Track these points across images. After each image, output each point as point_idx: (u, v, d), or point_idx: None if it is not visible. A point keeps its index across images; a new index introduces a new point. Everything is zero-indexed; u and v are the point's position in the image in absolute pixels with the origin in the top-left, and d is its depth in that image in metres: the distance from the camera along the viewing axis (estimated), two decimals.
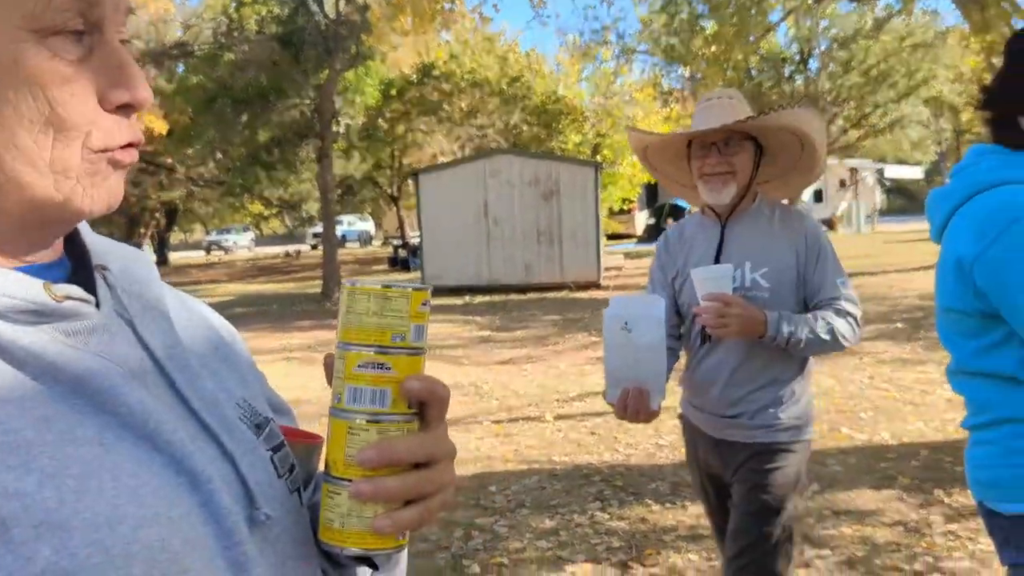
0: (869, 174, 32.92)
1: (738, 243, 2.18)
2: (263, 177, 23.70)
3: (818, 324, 2.07)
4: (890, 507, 4.07)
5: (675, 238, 2.32)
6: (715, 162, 2.12)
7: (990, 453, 1.60)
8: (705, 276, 2.07)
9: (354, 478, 0.63)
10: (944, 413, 5.60)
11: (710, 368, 2.22)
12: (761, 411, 2.17)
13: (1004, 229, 1.47)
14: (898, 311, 10.28)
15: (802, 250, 2.15)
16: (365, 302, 0.65)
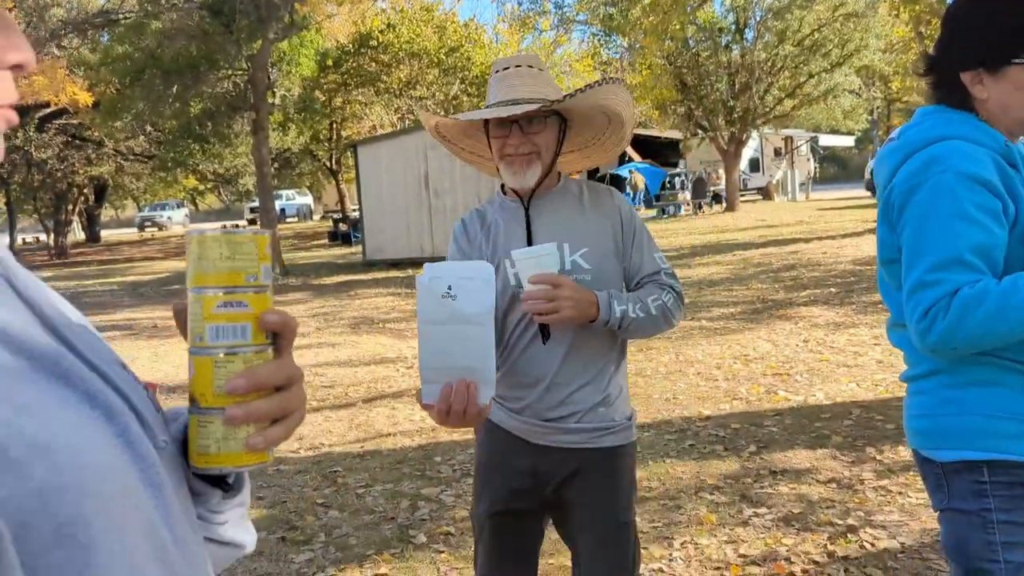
0: (803, 143, 33.59)
1: (549, 224, 1.95)
2: (196, 151, 23.09)
3: (648, 301, 1.89)
4: (824, 465, 4.20)
5: (474, 224, 2.02)
6: (517, 142, 1.89)
7: (924, 403, 1.66)
8: (527, 256, 1.81)
9: (226, 406, 0.71)
10: (875, 374, 5.79)
11: (531, 364, 1.92)
12: (591, 411, 1.92)
13: (929, 179, 1.53)
14: (831, 276, 10.56)
15: (618, 227, 1.97)
16: (217, 248, 0.71)
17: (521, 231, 1.95)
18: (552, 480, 1.95)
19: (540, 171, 1.92)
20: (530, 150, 1.89)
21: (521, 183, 1.92)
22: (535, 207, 1.97)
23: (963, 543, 1.59)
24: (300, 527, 3.99)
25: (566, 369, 1.91)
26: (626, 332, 1.90)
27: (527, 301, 1.79)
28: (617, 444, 1.95)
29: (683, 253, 15.06)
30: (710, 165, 30.17)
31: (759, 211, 24.12)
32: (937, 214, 1.51)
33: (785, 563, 3.22)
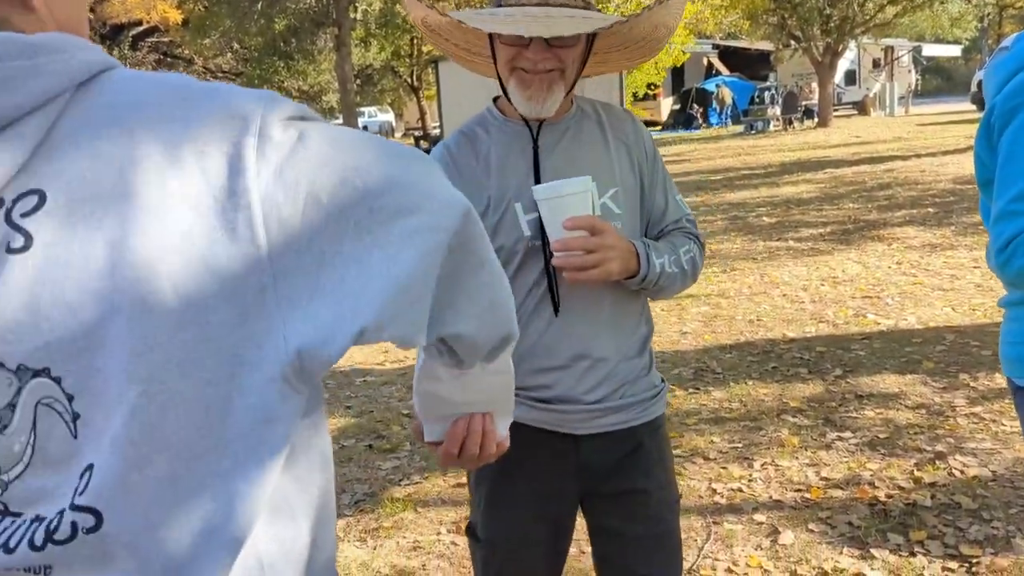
0: (905, 53, 31.69)
1: (563, 160, 1.54)
2: (281, 68, 23.33)
3: (680, 253, 1.57)
4: (914, 391, 4.10)
5: (465, 153, 1.57)
6: (538, 56, 1.44)
7: (1019, 330, 1.61)
8: (554, 194, 1.41)
9: None
10: (973, 298, 5.56)
11: (559, 341, 1.54)
12: (635, 382, 1.61)
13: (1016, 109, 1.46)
14: (929, 196, 10.08)
15: (643, 161, 1.61)
16: None
17: (525, 167, 1.53)
18: (601, 471, 1.61)
19: (562, 94, 1.49)
20: (553, 66, 1.46)
21: (537, 110, 1.48)
22: (545, 137, 1.55)
23: None
24: (386, 436, 4.15)
25: (605, 339, 1.56)
26: (655, 290, 1.57)
27: (560, 253, 1.41)
28: (661, 411, 1.67)
29: (771, 171, 14.58)
30: (802, 78, 28.82)
31: (854, 127, 23.05)
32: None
33: (869, 487, 3.19)
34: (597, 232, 1.42)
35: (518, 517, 1.61)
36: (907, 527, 2.90)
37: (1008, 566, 2.63)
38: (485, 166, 1.54)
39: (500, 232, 1.52)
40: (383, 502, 3.42)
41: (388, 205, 0.69)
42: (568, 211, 1.40)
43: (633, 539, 1.63)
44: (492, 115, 1.61)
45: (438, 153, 1.59)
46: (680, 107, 30.83)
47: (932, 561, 2.69)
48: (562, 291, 1.53)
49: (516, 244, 1.51)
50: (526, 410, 1.55)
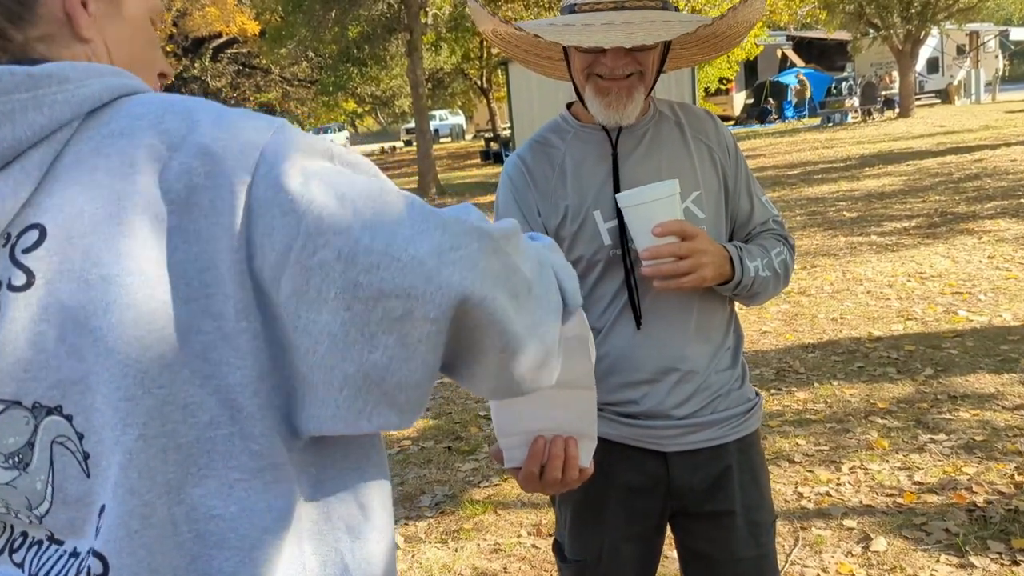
0: (991, 38, 30.35)
1: (644, 166, 1.48)
2: (355, 74, 23.73)
3: (772, 256, 1.50)
4: (1011, 391, 3.91)
5: (540, 163, 1.51)
6: (617, 62, 1.38)
7: None
8: (640, 201, 1.33)
9: None
10: None
11: (644, 354, 1.47)
12: (727, 395, 1.53)
13: None
14: (1021, 186, 9.62)
15: (726, 163, 1.54)
16: None
17: (604, 174, 1.47)
18: (692, 490, 1.53)
19: (642, 99, 1.44)
20: (632, 71, 1.39)
21: (616, 118, 1.42)
22: (624, 142, 1.48)
23: None
24: (464, 438, 4.17)
25: (695, 350, 1.48)
26: (749, 296, 1.49)
27: (650, 261, 1.34)
28: (756, 427, 1.59)
29: (850, 164, 14.15)
30: (882, 67, 27.88)
31: (937, 116, 22.19)
32: None
33: (966, 492, 3.06)
34: (688, 237, 1.34)
35: (607, 536, 1.54)
36: (1008, 534, 2.77)
37: None
38: (561, 175, 1.49)
39: (579, 242, 1.47)
40: (463, 504, 3.44)
41: (374, 283, 0.62)
42: (655, 217, 1.32)
43: (724, 563, 1.54)
44: (567, 122, 1.55)
45: (512, 165, 1.54)
46: (754, 101, 30.19)
47: None
48: (645, 302, 1.46)
49: (596, 254, 1.46)
50: (613, 426, 1.50)
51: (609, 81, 1.40)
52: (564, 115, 1.57)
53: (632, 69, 1.39)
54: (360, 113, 38.16)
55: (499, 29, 1.49)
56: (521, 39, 1.49)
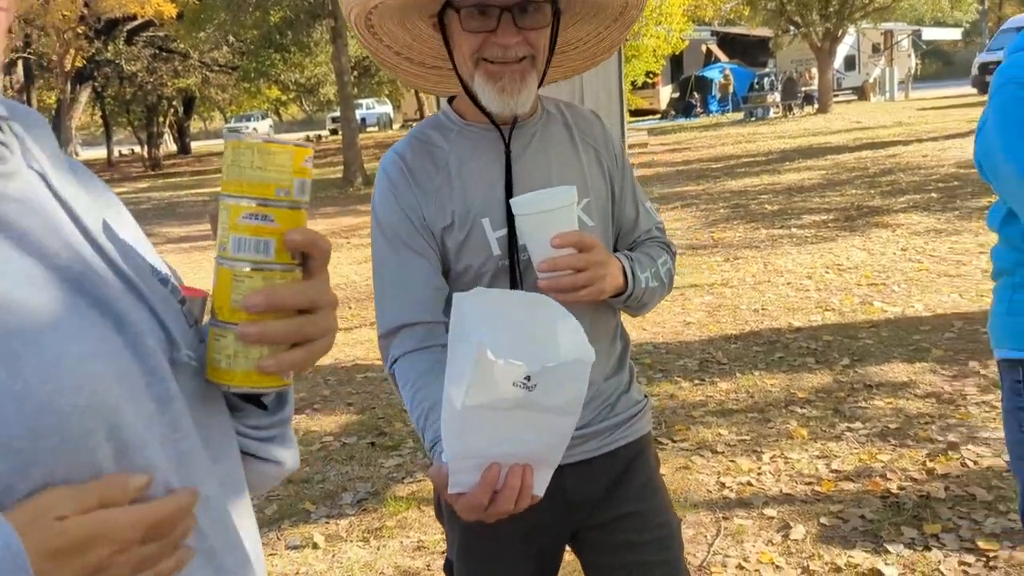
0: (904, 37, 31.50)
1: (534, 165, 1.38)
2: (277, 60, 23.19)
3: (659, 265, 1.43)
4: (923, 379, 4.04)
5: (423, 163, 1.37)
6: (509, 40, 1.26)
7: (993, 303, 1.69)
8: (540, 208, 1.22)
9: (240, 322, 0.68)
10: (980, 283, 5.49)
11: None
12: (616, 401, 1.46)
13: (994, 93, 1.51)
14: (933, 181, 10.00)
15: (613, 167, 1.46)
16: (249, 156, 0.67)
17: (493, 176, 1.35)
18: (589, 501, 1.46)
19: (536, 86, 1.34)
20: (525, 53, 1.28)
21: (512, 105, 1.30)
22: (515, 143, 1.37)
23: (1009, 439, 1.64)
24: (388, 433, 4.09)
25: None
26: (637, 306, 1.42)
27: (548, 274, 1.23)
28: (647, 429, 1.52)
29: (772, 158, 14.49)
30: (802, 64, 28.63)
31: (854, 112, 22.92)
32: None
33: (881, 479, 3.13)
34: (586, 248, 1.23)
35: (501, 556, 1.44)
36: (921, 520, 2.84)
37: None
38: (446, 176, 1.36)
39: (466, 251, 1.35)
40: (386, 501, 3.36)
41: None
42: (554, 226, 1.22)
43: (634, 567, 1.44)
44: (449, 119, 1.41)
45: (390, 162, 1.39)
46: (679, 95, 30.66)
47: (948, 555, 2.64)
48: None
49: (484, 265, 1.35)
50: None
51: (500, 65, 1.28)
52: (446, 111, 1.43)
53: (524, 52, 1.28)
54: (284, 101, 37.36)
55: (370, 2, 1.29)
56: (392, 29, 1.37)
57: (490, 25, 1.26)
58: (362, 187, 17.29)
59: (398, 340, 1.32)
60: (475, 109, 1.36)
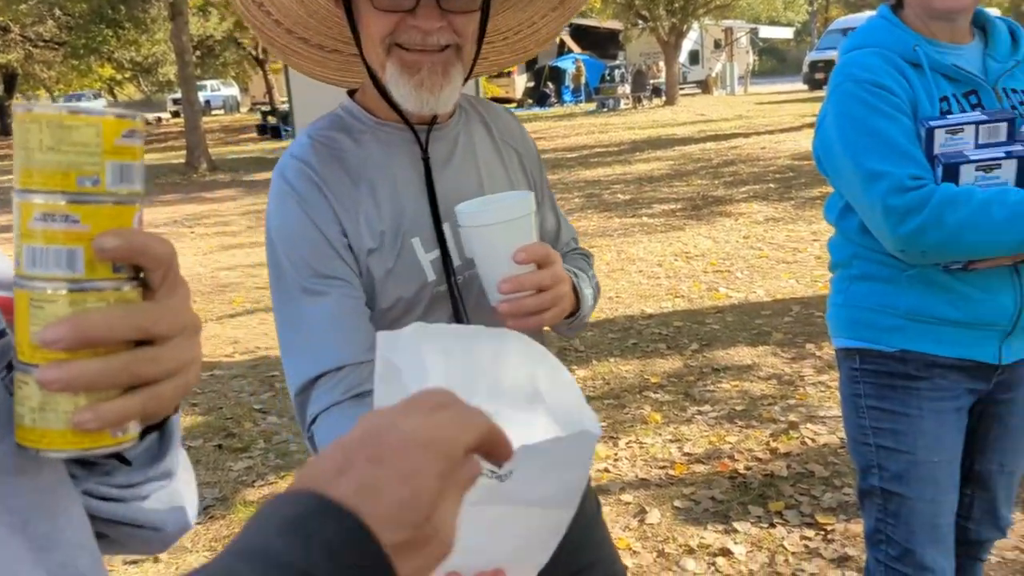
0: (743, 35, 33.23)
1: (462, 174, 1.19)
2: (110, 37, 21.69)
3: (590, 279, 1.27)
4: (766, 362, 4.24)
5: (333, 173, 1.11)
6: (430, 26, 1.06)
7: (831, 293, 1.74)
8: (500, 219, 1.03)
9: (41, 363, 0.50)
10: (814, 269, 5.84)
11: None
12: None
13: (832, 90, 1.56)
14: (770, 172, 10.58)
15: (534, 170, 1.31)
16: (38, 134, 0.49)
17: (415, 188, 1.15)
18: None
19: (461, 82, 1.14)
20: (449, 41, 1.09)
21: (431, 103, 1.09)
22: (436, 147, 1.18)
23: (847, 425, 1.70)
24: (237, 434, 3.88)
25: None
26: (577, 326, 1.25)
27: (511, 295, 1.03)
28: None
29: (623, 148, 14.91)
30: (650, 57, 29.68)
31: (698, 105, 23.97)
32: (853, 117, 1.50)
33: (729, 460, 3.25)
34: (547, 264, 1.05)
35: None
36: (766, 498, 2.97)
37: (860, 532, 2.73)
38: (369, 189, 1.12)
39: (395, 280, 1.12)
40: (235, 507, 3.18)
41: None
42: (514, 239, 1.03)
43: None
44: (356, 117, 1.17)
45: (294, 171, 1.10)
46: (534, 84, 31.06)
47: (791, 531, 2.76)
48: None
49: (419, 293, 1.13)
50: None
51: (418, 54, 1.07)
52: (349, 107, 1.19)
53: (448, 40, 1.08)
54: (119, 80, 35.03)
55: None
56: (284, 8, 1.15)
57: (407, 4, 1.05)
58: (207, 173, 16.49)
59: (318, 392, 1.03)
60: (387, 105, 1.14)
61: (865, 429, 1.63)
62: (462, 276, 1.16)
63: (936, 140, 1.41)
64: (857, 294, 1.63)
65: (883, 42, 1.54)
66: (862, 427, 1.64)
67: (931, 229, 1.37)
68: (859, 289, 1.62)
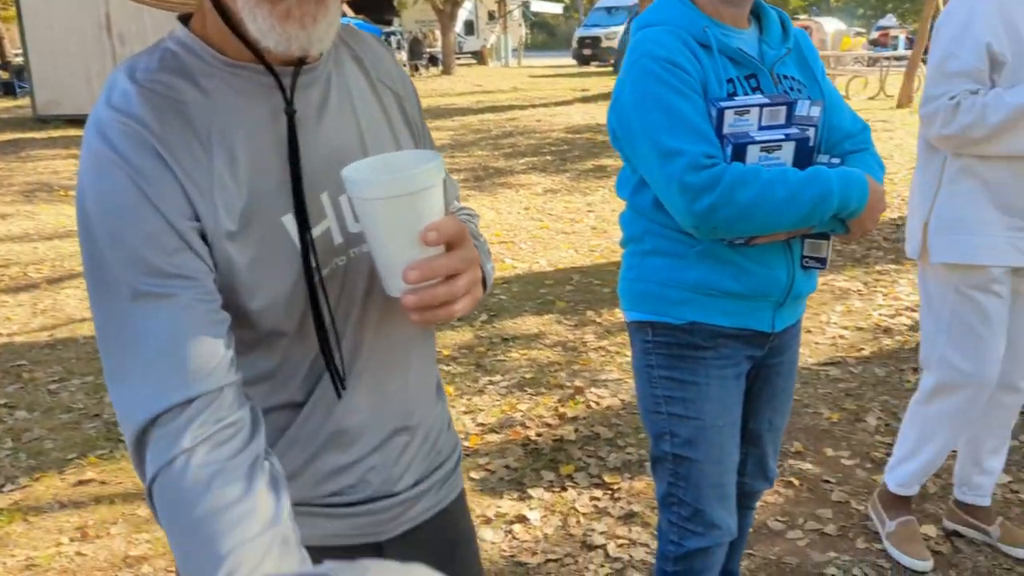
0: (516, 7, 33.99)
1: (339, 131, 0.95)
2: None
3: (483, 244, 1.08)
4: (551, 330, 4.38)
5: (166, 121, 0.83)
6: None
7: (623, 267, 1.79)
8: (407, 188, 0.82)
9: None
10: (590, 240, 6.11)
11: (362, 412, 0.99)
12: (440, 436, 1.12)
13: (629, 67, 1.58)
14: (547, 144, 10.92)
15: (415, 115, 1.07)
16: None
17: (282, 146, 0.89)
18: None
19: (339, 14, 0.89)
20: None
21: (302, 41, 0.83)
22: (303, 97, 0.91)
23: (640, 395, 1.76)
24: None
25: (419, 393, 1.06)
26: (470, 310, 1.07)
27: (423, 282, 0.84)
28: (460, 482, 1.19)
29: None
30: (426, 25, 29.57)
31: (475, 75, 24.25)
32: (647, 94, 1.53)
33: (521, 428, 3.32)
34: (458, 243, 0.87)
35: None
36: (557, 463, 3.07)
37: (643, 488, 2.90)
38: (225, 152, 0.85)
39: (265, 270, 0.88)
40: None
41: None
42: (421, 214, 0.83)
43: None
44: (196, 54, 0.87)
45: (118, 131, 0.81)
46: None
47: (581, 493, 2.88)
48: (349, 345, 0.96)
49: (294, 293, 0.90)
50: (319, 524, 1.00)
51: None
52: (186, 41, 0.88)
53: None
54: None
55: None
56: None
57: None
58: None
59: (158, 437, 0.77)
60: (238, 41, 0.86)
61: (658, 398, 1.70)
62: (344, 257, 0.94)
63: (726, 120, 1.47)
64: (649, 269, 1.68)
65: (676, 21, 1.58)
66: (655, 397, 1.70)
67: (723, 206, 1.44)
68: (651, 264, 1.67)
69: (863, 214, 1.51)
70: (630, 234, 1.74)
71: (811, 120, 1.49)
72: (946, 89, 2.12)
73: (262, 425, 0.83)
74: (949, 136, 2.14)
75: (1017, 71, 2.07)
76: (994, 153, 2.13)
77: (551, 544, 2.62)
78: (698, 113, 1.49)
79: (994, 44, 2.07)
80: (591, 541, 2.62)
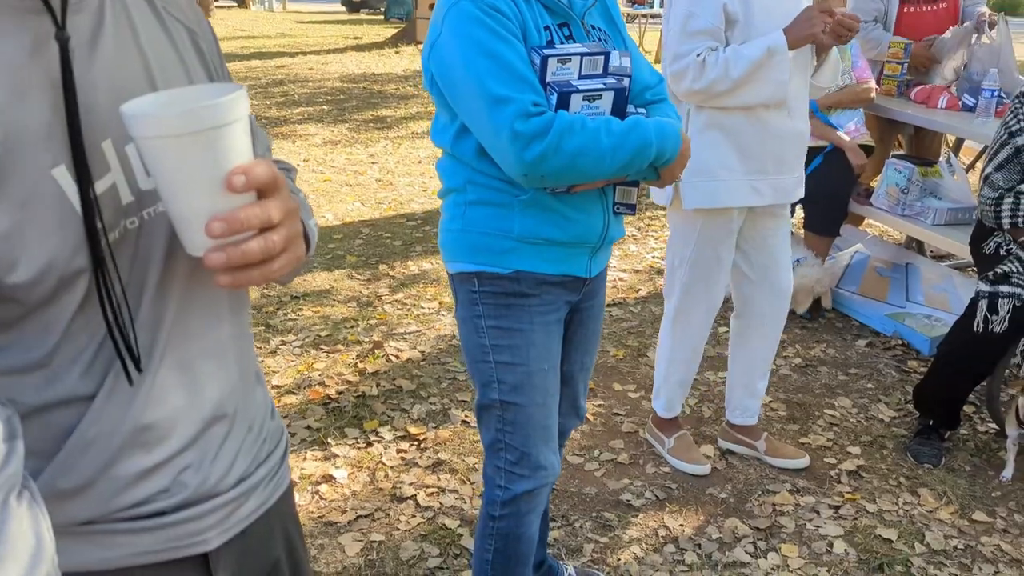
0: None
1: (122, 66, 0.80)
2: None
3: (304, 200, 1.04)
4: (343, 285, 4.29)
5: None
6: None
7: (444, 219, 1.78)
8: (201, 124, 0.70)
9: None
10: (377, 192, 6.01)
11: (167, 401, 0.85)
12: (263, 425, 1.01)
13: (448, 10, 1.53)
14: (321, 93, 10.55)
15: (213, 57, 0.95)
16: None
17: (48, 83, 0.73)
18: None
19: None
20: None
21: None
22: (77, 25, 0.76)
23: (466, 345, 1.78)
24: None
25: (234, 375, 0.93)
26: (298, 270, 0.96)
27: (230, 235, 0.73)
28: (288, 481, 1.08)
29: None
30: None
31: (237, 20, 22.79)
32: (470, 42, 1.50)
33: (320, 387, 3.25)
34: (273, 192, 0.76)
35: None
36: (361, 419, 3.04)
37: (449, 436, 2.95)
38: None
39: (33, 235, 0.72)
40: None
41: None
42: (225, 156, 0.72)
43: None
44: None
45: None
46: None
47: (387, 447, 2.88)
48: (144, 321, 0.83)
49: (75, 258, 0.75)
50: (122, 543, 0.86)
51: None
52: None
53: None
54: None
55: None
56: None
57: None
58: None
59: None
60: None
61: (485, 348, 1.71)
62: (135, 219, 0.81)
63: (549, 68, 1.49)
64: (474, 219, 1.67)
65: None
66: (482, 346, 1.72)
67: (551, 155, 1.46)
68: (475, 214, 1.67)
69: (673, 163, 1.60)
70: (450, 184, 1.71)
71: (625, 71, 1.55)
72: (692, 47, 2.31)
73: (19, 439, 0.65)
74: (698, 91, 2.35)
75: (747, 28, 2.32)
76: (733, 105, 2.37)
77: (360, 500, 2.61)
78: (522, 60, 1.48)
79: (729, 5, 2.31)
80: (401, 493, 2.64)
